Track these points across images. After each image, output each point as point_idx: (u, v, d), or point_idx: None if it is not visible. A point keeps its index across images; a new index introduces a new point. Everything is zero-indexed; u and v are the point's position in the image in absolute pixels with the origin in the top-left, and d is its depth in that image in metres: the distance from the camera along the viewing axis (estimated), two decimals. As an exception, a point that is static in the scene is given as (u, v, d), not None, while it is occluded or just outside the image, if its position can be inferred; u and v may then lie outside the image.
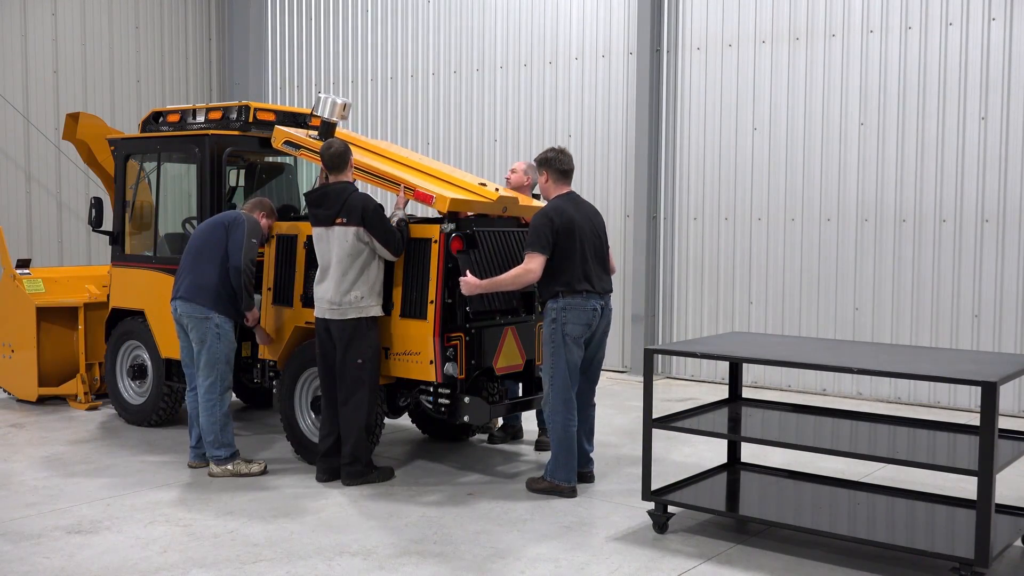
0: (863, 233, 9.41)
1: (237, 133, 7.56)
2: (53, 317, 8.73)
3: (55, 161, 12.54)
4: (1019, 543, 5.22)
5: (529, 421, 7.73)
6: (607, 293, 6.19)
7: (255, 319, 6.76)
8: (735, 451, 6.22)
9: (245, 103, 7.63)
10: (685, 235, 10.51)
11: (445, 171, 7.11)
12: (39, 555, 5.08)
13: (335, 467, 6.37)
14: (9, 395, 9.19)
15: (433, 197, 6.29)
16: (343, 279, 6.18)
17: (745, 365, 7.17)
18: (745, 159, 10.07)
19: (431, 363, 6.18)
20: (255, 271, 6.66)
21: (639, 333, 10.59)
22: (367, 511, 5.82)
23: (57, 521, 5.63)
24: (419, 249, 6.31)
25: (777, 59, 9.83)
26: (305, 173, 8.58)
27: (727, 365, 6.65)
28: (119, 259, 8.15)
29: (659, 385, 10.03)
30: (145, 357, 8.03)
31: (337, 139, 6.59)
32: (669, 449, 7.27)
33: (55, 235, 12.63)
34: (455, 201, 6.28)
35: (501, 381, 6.73)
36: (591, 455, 6.48)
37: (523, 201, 6.92)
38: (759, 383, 9.92)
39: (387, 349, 6.39)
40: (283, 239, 7.01)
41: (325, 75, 13.54)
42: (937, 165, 9.02)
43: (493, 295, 6.46)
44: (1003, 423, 5.08)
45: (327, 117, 6.93)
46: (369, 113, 13.05)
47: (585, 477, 6.41)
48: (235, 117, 7.60)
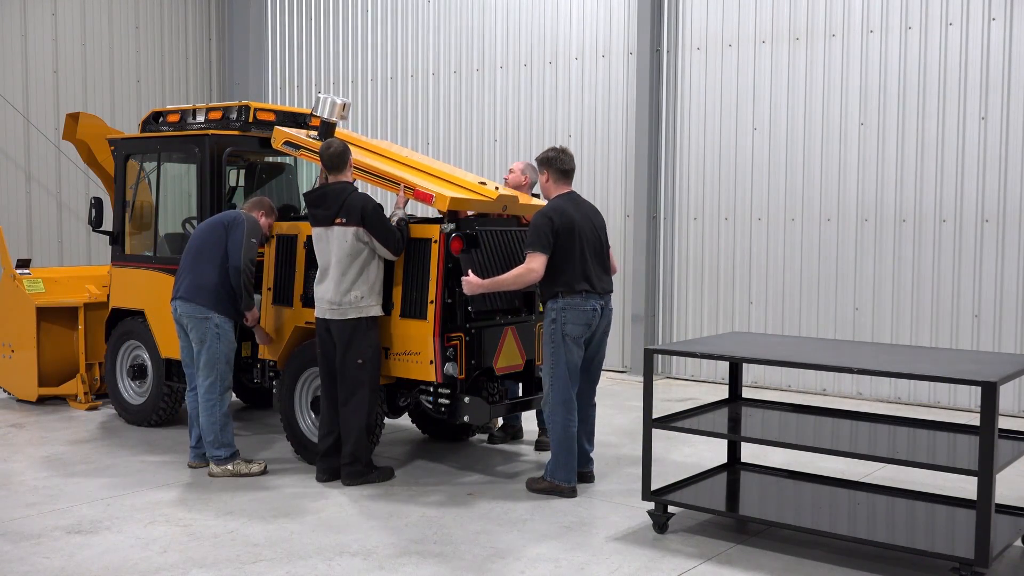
0: (863, 233, 9.41)
1: (237, 133, 7.56)
2: (53, 317, 8.73)
3: (55, 161, 12.54)
4: (1019, 543, 5.22)
5: (529, 421, 7.73)
6: (607, 293, 6.18)
7: (255, 319, 6.76)
8: (735, 451, 6.22)
9: (245, 103, 7.63)
10: (685, 235, 10.51)
11: (445, 170, 7.10)
12: (39, 555, 5.09)
13: (335, 467, 6.37)
14: (9, 395, 9.19)
15: (433, 196, 6.28)
16: (343, 279, 6.17)
17: (745, 365, 7.17)
18: (745, 159, 10.07)
19: (431, 363, 6.18)
20: (255, 271, 6.66)
21: (639, 333, 10.59)
22: (367, 511, 5.82)
23: (57, 521, 5.63)
24: (419, 249, 6.31)
25: (777, 59, 9.83)
26: (305, 173, 8.58)
27: (727, 365, 6.64)
28: (119, 259, 8.15)
29: (659, 385, 10.03)
30: (145, 357, 8.03)
31: (336, 139, 6.59)
32: (669, 449, 7.27)
33: (55, 235, 12.63)
34: (455, 200, 6.28)
35: (501, 381, 6.73)
36: (591, 455, 6.48)
37: (523, 200, 6.91)
38: (759, 383, 9.92)
39: (387, 349, 6.39)
40: (283, 239, 7.01)
41: (325, 75, 13.54)
42: (937, 165, 9.02)
43: (495, 295, 6.46)
44: (1003, 423, 5.08)
45: (327, 117, 6.92)
46: (369, 113, 13.05)
47: (585, 477, 6.40)
48: (235, 117, 7.60)
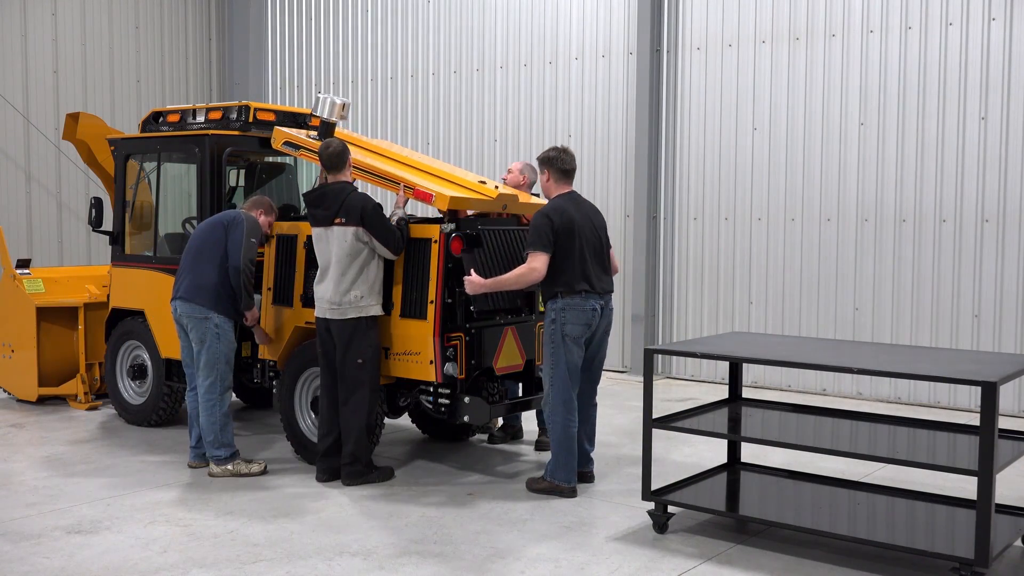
0: (863, 233, 9.41)
1: (237, 133, 7.56)
2: (53, 317, 8.73)
3: (55, 161, 12.54)
4: (1019, 543, 5.22)
5: (529, 421, 7.73)
6: (607, 293, 6.17)
7: (255, 319, 6.76)
8: (735, 451, 6.22)
9: (245, 103, 7.63)
10: (685, 235, 10.51)
11: (445, 169, 7.09)
12: (39, 555, 5.08)
13: (335, 467, 6.37)
14: (9, 395, 9.19)
15: (432, 195, 6.28)
16: (342, 279, 6.17)
17: (745, 365, 7.16)
18: (745, 159, 10.07)
19: (431, 363, 6.17)
20: (254, 270, 6.66)
21: (639, 333, 10.59)
22: (367, 511, 5.82)
23: (57, 521, 5.63)
24: (419, 249, 6.31)
25: (777, 59, 9.83)
26: (305, 173, 8.58)
27: (727, 365, 6.64)
28: (119, 259, 8.15)
29: (659, 385, 10.02)
30: (145, 357, 8.03)
31: (335, 139, 6.58)
32: (669, 449, 7.27)
33: (55, 235, 12.63)
34: (455, 199, 6.28)
35: (501, 381, 6.73)
36: (592, 455, 6.48)
37: (523, 198, 6.91)
38: (759, 383, 9.92)
39: (387, 349, 6.39)
40: (283, 239, 7.01)
41: (325, 75, 13.54)
42: (937, 165, 9.02)
43: (498, 294, 6.46)
44: (1003, 423, 5.08)
45: (326, 117, 6.92)
46: (369, 113, 13.05)
47: (585, 477, 6.40)
48: (235, 117, 7.60)
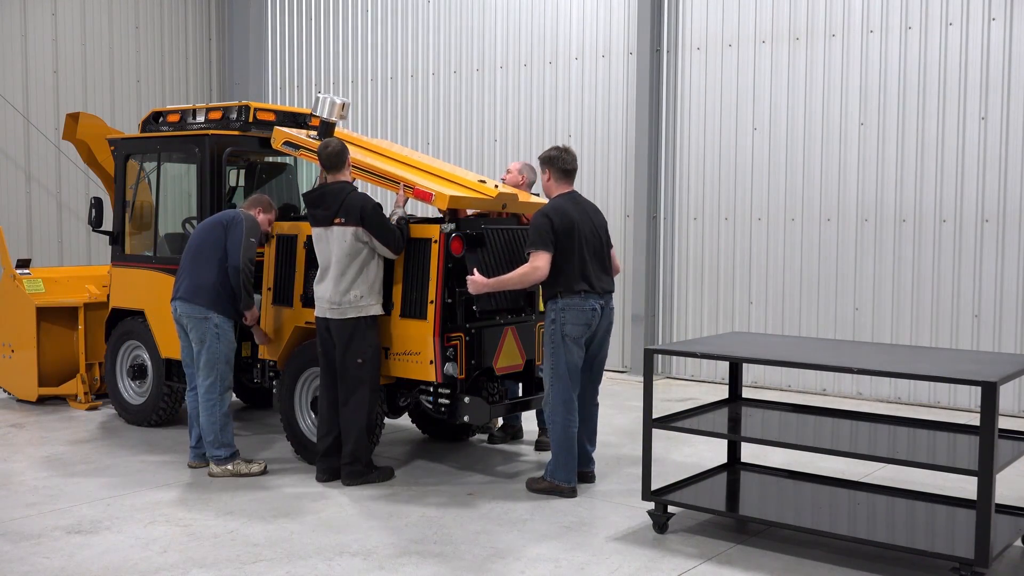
0: (863, 233, 9.41)
1: (237, 133, 7.56)
2: (53, 317, 8.73)
3: (55, 161, 12.54)
4: (1019, 543, 5.22)
5: (529, 421, 7.72)
6: (607, 293, 6.17)
7: (254, 318, 6.75)
8: (735, 451, 6.22)
9: (245, 103, 7.63)
10: (685, 235, 10.51)
11: (444, 169, 7.09)
12: (39, 555, 5.08)
13: (335, 467, 6.37)
14: (9, 395, 9.19)
15: (432, 195, 6.28)
16: (342, 279, 6.17)
17: (745, 365, 7.16)
18: (745, 159, 10.07)
19: (431, 363, 6.17)
20: (254, 270, 6.66)
21: (639, 333, 10.59)
22: (367, 511, 5.82)
23: (57, 521, 5.63)
24: (419, 249, 6.31)
25: (777, 59, 9.83)
26: (305, 173, 8.58)
27: (727, 365, 6.64)
28: (119, 259, 8.15)
29: (659, 385, 10.02)
30: (145, 357, 8.03)
31: (334, 138, 6.58)
32: (669, 449, 7.27)
33: (55, 235, 12.63)
34: (454, 198, 6.28)
35: (501, 381, 6.73)
36: (592, 455, 6.48)
37: (522, 197, 6.91)
38: (759, 383, 9.92)
39: (387, 349, 6.39)
40: (283, 239, 7.01)
41: (325, 75, 13.54)
42: (937, 165, 9.02)
43: (500, 294, 6.46)
44: (1003, 423, 5.07)
45: (326, 117, 6.92)
46: (369, 113, 13.05)
47: (586, 477, 6.40)
48: (235, 117, 7.60)
